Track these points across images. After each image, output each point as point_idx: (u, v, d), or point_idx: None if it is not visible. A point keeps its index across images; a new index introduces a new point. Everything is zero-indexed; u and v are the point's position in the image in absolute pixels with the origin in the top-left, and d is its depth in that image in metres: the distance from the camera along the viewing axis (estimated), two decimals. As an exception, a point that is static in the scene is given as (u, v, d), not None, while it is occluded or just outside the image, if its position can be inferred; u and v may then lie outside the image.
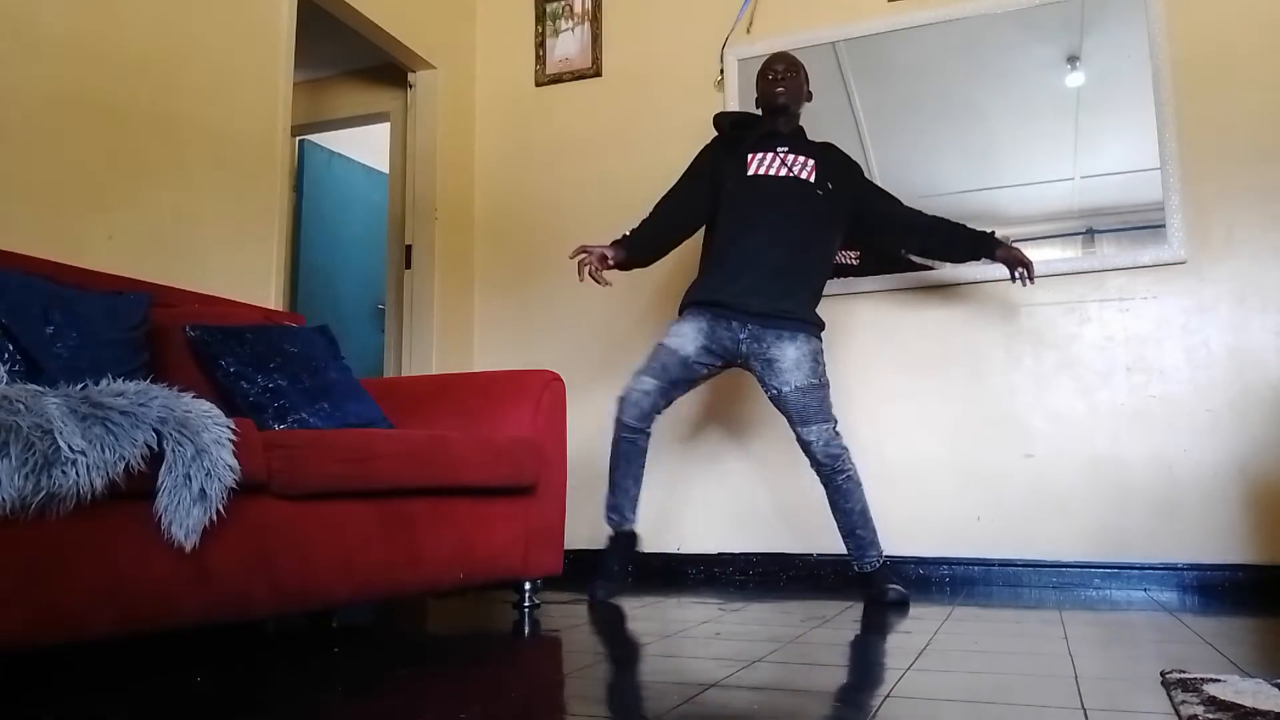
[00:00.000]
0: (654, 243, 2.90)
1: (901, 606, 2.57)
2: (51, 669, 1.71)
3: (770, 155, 2.78)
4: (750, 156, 2.79)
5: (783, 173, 2.76)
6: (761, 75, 2.87)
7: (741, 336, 2.68)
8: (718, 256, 2.77)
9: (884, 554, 2.72)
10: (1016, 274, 2.77)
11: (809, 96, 2.91)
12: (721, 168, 2.83)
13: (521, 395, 2.51)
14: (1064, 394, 3.08)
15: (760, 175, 2.76)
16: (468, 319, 3.91)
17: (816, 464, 2.68)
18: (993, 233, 2.81)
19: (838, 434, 2.68)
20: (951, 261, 3.06)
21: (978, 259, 2.88)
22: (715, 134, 2.95)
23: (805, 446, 2.67)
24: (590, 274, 2.76)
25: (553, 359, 3.47)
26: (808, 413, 2.64)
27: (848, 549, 2.73)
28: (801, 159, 2.78)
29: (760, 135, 2.82)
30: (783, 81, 2.81)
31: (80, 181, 2.32)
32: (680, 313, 2.80)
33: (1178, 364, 2.98)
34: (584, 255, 2.77)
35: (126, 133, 2.45)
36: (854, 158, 2.95)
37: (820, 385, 2.67)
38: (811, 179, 2.76)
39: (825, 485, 2.70)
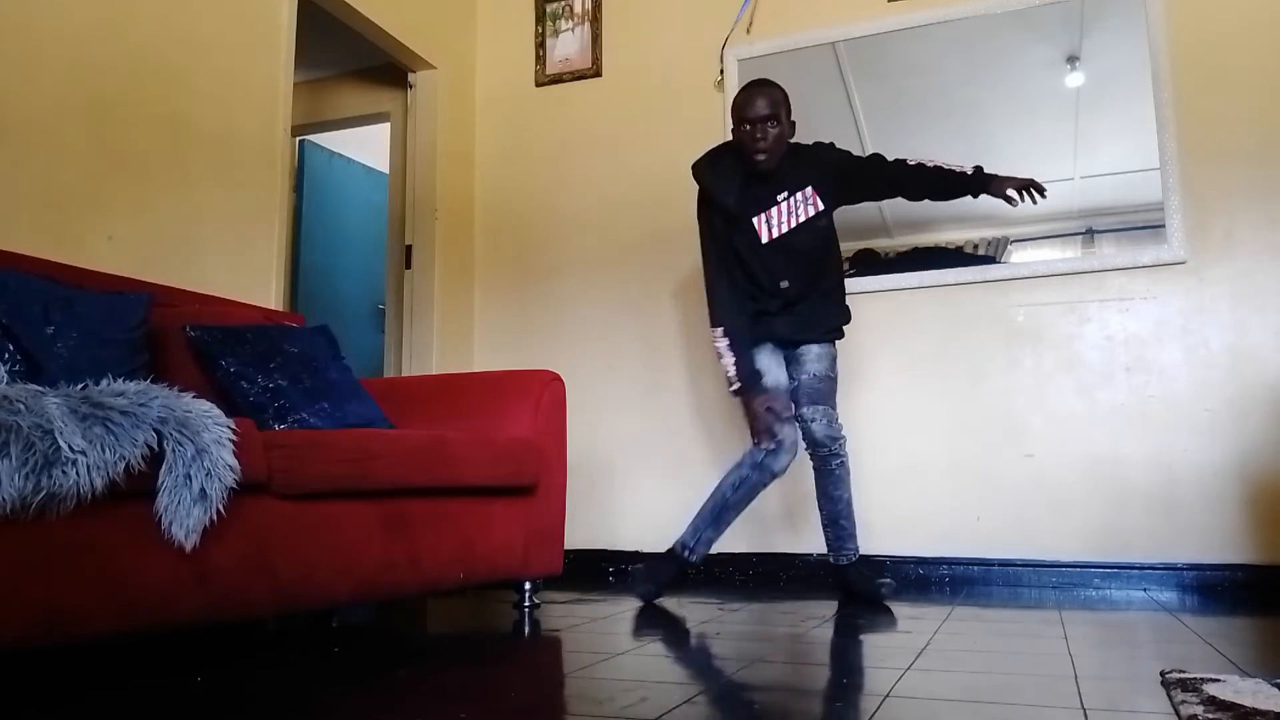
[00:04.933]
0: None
1: (884, 603, 2.62)
2: (52, 669, 1.71)
3: (774, 211, 2.69)
4: (756, 222, 2.69)
5: (792, 223, 2.70)
6: (736, 120, 2.64)
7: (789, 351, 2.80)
8: (752, 295, 2.74)
9: (859, 549, 2.77)
10: (1023, 198, 2.60)
11: (792, 129, 2.69)
12: (731, 227, 2.72)
13: (521, 395, 2.51)
14: (1064, 394, 3.08)
15: (774, 239, 2.70)
16: (468, 319, 3.91)
17: (815, 444, 2.70)
18: (978, 169, 2.67)
19: (839, 422, 2.75)
20: (947, 199, 2.83)
21: (974, 195, 2.72)
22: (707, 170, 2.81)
23: (808, 425, 2.70)
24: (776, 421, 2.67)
25: (553, 359, 3.48)
26: (819, 395, 2.72)
27: (827, 540, 2.77)
28: (801, 195, 2.70)
29: (757, 192, 2.69)
30: (760, 140, 2.60)
31: (80, 181, 2.33)
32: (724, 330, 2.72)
33: (1177, 364, 2.98)
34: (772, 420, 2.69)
35: (127, 133, 2.45)
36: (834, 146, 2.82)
37: (833, 379, 2.78)
38: (817, 209, 2.72)
39: (819, 470, 2.73)
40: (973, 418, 3.17)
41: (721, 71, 3.61)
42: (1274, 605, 2.59)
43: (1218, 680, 1.48)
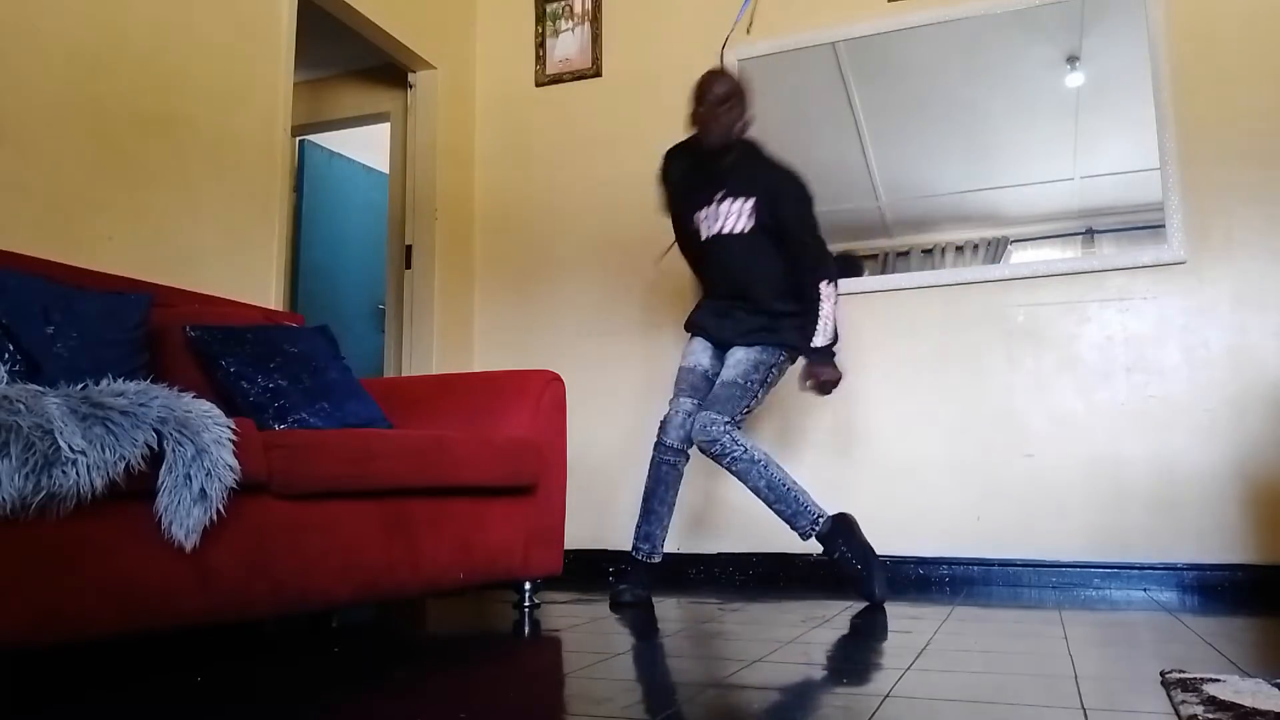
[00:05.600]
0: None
1: (871, 595, 2.57)
2: (52, 669, 1.71)
3: (710, 209, 2.77)
4: (696, 217, 2.82)
5: (722, 228, 2.74)
6: (694, 99, 2.74)
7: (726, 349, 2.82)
8: (701, 287, 2.97)
9: (820, 515, 2.63)
10: (806, 384, 2.72)
11: (744, 127, 2.76)
12: (678, 210, 2.91)
13: (521, 395, 2.52)
14: (1064, 394, 3.08)
15: (708, 239, 2.79)
16: (468, 319, 3.91)
17: (696, 445, 2.69)
18: (820, 349, 2.70)
19: (726, 430, 2.62)
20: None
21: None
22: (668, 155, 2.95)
23: (689, 425, 2.74)
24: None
25: (553, 359, 3.47)
26: (714, 399, 2.69)
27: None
28: (739, 204, 2.72)
29: (701, 184, 2.79)
30: (715, 119, 2.69)
31: (80, 181, 2.33)
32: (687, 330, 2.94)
33: (1177, 364, 2.98)
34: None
35: (127, 133, 2.45)
36: (803, 190, 2.75)
37: (740, 386, 2.68)
38: (748, 227, 2.72)
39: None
40: (973, 418, 3.16)
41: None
42: (1274, 605, 2.59)
43: (1218, 680, 1.48)
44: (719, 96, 2.70)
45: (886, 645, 2.04)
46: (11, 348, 1.74)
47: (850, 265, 3.34)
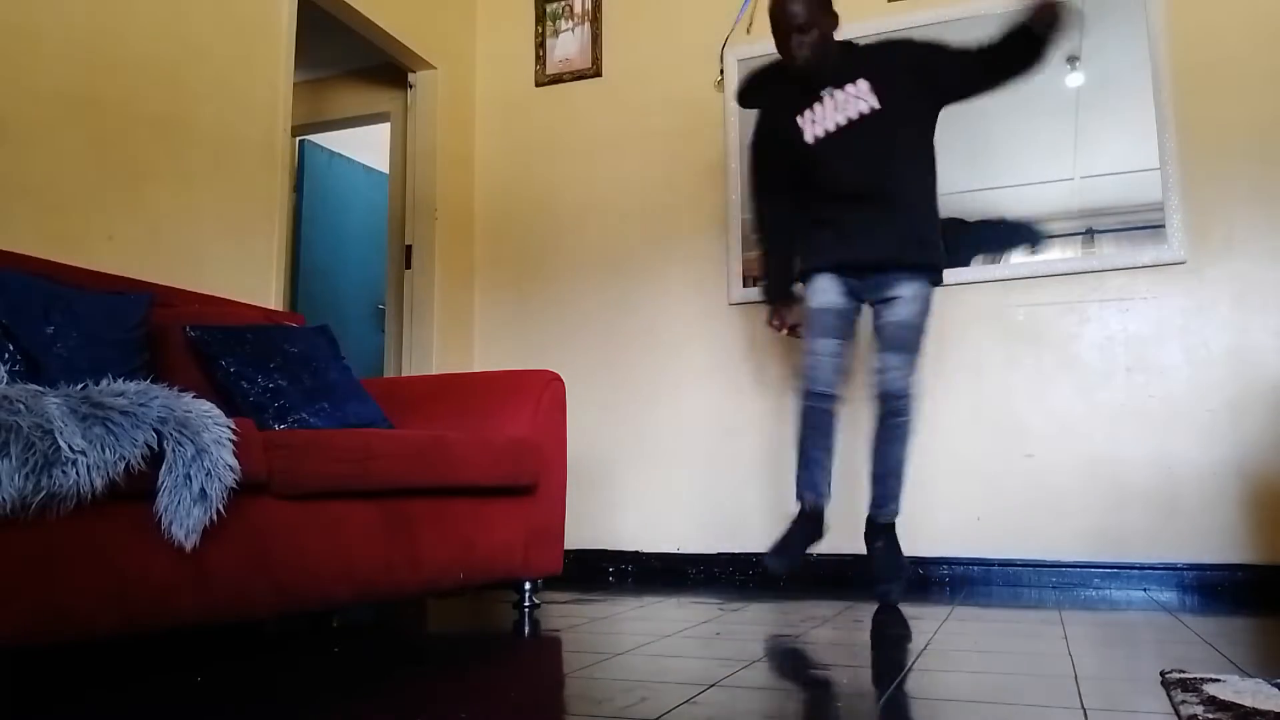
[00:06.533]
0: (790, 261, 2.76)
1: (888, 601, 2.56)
2: (52, 668, 1.71)
3: (819, 107, 2.59)
4: (799, 119, 2.61)
5: (839, 120, 2.57)
6: (776, 32, 2.56)
7: (867, 284, 2.63)
8: (816, 217, 2.67)
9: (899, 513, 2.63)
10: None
11: (835, 21, 2.61)
12: (780, 139, 2.68)
13: (521, 395, 2.52)
14: (1064, 394, 3.08)
15: (819, 137, 2.59)
16: (468, 319, 3.91)
17: (882, 396, 2.58)
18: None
19: (914, 380, 2.57)
20: (1030, 62, 2.64)
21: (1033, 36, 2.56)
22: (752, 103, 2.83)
23: (880, 375, 2.58)
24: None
25: (553, 359, 3.48)
26: (897, 343, 2.57)
27: (871, 493, 2.64)
28: (853, 88, 2.57)
29: (799, 93, 2.63)
30: (803, 45, 2.52)
31: (80, 181, 2.33)
32: (804, 278, 2.70)
33: (1177, 364, 2.98)
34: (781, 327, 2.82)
35: (127, 133, 2.45)
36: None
37: (919, 328, 2.59)
38: (875, 103, 2.55)
39: (878, 424, 2.60)
40: (973, 418, 3.16)
41: (721, 71, 3.61)
42: (1274, 605, 2.59)
43: (1218, 680, 1.48)
44: (806, 12, 2.51)
45: (886, 645, 2.04)
46: (11, 348, 1.74)
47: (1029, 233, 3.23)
